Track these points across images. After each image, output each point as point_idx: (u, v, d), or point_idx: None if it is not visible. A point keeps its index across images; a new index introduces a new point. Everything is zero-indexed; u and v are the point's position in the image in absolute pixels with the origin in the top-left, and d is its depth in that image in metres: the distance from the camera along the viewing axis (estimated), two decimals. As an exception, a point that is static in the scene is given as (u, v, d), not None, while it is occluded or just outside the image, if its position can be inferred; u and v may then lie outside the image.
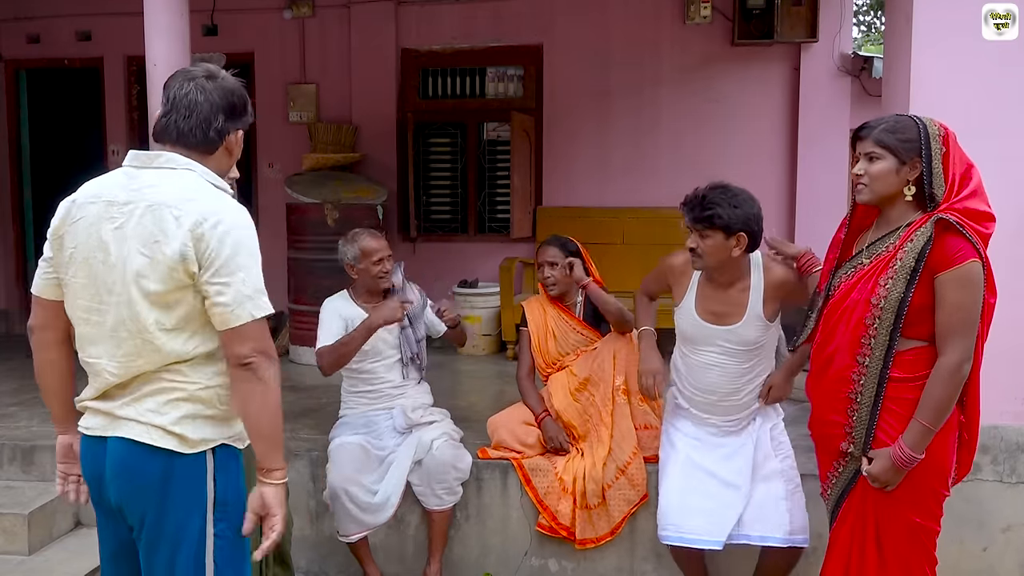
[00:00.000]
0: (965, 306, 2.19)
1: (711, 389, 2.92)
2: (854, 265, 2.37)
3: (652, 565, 3.33)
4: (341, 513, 3.20)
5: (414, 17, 6.57)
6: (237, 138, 1.96)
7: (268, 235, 6.41)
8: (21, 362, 5.74)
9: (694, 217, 2.69)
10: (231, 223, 1.80)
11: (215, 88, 1.90)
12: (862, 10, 15.26)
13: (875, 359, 2.26)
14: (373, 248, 3.38)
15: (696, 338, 2.91)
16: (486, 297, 5.92)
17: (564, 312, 3.54)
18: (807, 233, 6.13)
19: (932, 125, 2.27)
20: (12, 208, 6.97)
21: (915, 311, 2.22)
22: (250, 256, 1.82)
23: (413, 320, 3.49)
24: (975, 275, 2.19)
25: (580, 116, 6.47)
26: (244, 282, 1.79)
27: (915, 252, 2.20)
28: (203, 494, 1.86)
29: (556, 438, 3.39)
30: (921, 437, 2.20)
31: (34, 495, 3.50)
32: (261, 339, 1.81)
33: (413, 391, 3.50)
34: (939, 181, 2.23)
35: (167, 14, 3.54)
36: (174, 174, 1.85)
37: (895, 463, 2.23)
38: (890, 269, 2.24)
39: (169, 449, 1.82)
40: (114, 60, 6.74)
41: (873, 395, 2.28)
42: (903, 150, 2.26)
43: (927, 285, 2.21)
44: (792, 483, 2.91)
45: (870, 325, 2.27)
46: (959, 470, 2.38)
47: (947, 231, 2.19)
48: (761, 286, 2.80)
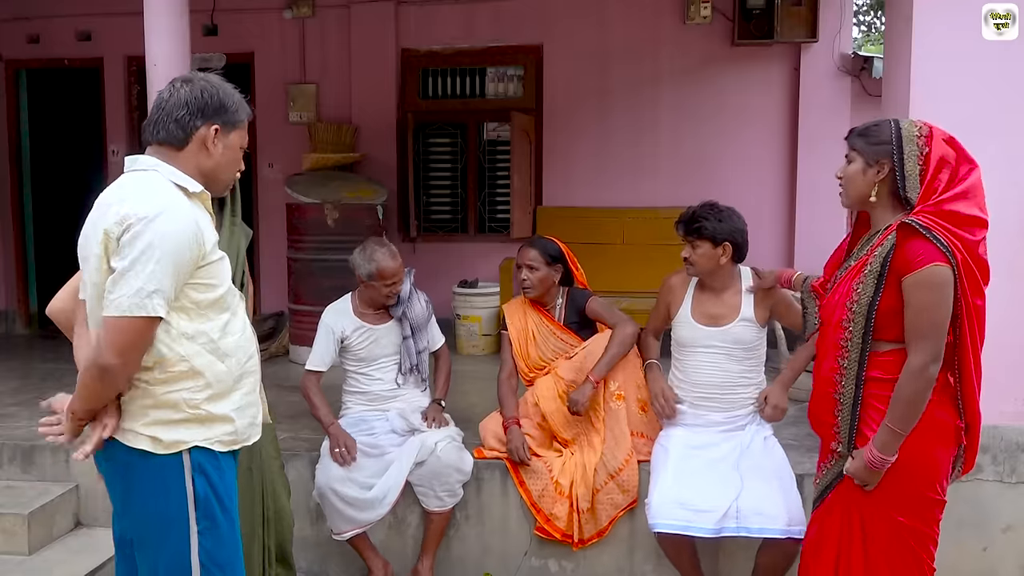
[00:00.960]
0: (928, 309, 2.19)
1: (708, 383, 3.09)
2: (846, 267, 2.41)
3: (652, 565, 3.33)
4: (330, 511, 3.21)
5: (414, 17, 6.57)
6: (209, 133, 1.94)
7: (268, 235, 6.55)
8: (21, 362, 5.75)
9: (686, 230, 3.08)
10: (148, 223, 1.77)
11: (188, 87, 1.93)
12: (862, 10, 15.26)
13: (852, 361, 2.30)
14: (390, 272, 3.30)
15: (692, 341, 3.11)
16: (486, 297, 5.92)
17: (545, 317, 3.51)
18: (807, 232, 6.15)
19: (912, 126, 2.27)
20: (12, 208, 6.96)
21: (885, 314, 2.25)
22: (151, 259, 1.77)
23: (416, 331, 3.47)
24: (938, 279, 2.18)
25: (580, 116, 6.47)
26: (134, 279, 1.76)
27: (882, 256, 2.23)
28: (182, 495, 1.89)
29: (517, 450, 3.30)
30: (890, 439, 2.22)
31: (34, 495, 3.50)
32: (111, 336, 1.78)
33: (411, 394, 3.50)
34: (913, 183, 2.23)
35: (167, 14, 3.54)
36: (139, 175, 1.90)
37: (867, 464, 2.26)
38: (861, 273, 2.28)
39: (142, 450, 1.87)
40: (114, 60, 6.74)
41: (852, 396, 2.31)
42: (870, 152, 2.29)
43: (895, 288, 2.23)
44: (788, 479, 2.98)
45: (846, 328, 2.31)
46: (964, 467, 2.38)
47: (911, 235, 2.19)
48: (752, 293, 3.09)
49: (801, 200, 6.23)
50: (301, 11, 6.53)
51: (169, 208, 1.82)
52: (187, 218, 1.84)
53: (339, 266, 3.40)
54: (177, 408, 1.88)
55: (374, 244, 3.37)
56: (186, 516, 1.90)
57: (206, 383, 1.90)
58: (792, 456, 3.13)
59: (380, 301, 3.39)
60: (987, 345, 2.76)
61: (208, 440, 1.92)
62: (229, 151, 1.99)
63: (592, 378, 3.27)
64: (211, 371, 1.91)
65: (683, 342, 3.16)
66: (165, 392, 1.87)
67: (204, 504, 1.91)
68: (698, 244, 3.04)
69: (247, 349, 2.03)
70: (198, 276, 1.88)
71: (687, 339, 3.13)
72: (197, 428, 1.90)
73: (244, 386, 2.00)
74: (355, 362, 3.45)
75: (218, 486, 1.94)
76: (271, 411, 2.55)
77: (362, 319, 3.42)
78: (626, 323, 3.35)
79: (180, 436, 1.88)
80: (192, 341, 1.88)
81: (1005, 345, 3.17)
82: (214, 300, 1.93)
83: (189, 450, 1.89)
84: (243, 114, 2.00)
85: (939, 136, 2.25)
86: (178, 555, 1.90)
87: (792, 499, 2.90)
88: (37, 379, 5.05)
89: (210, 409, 1.91)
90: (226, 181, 2.05)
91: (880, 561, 2.32)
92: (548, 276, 3.45)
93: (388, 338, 3.43)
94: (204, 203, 1.98)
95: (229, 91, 1.98)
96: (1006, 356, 3.18)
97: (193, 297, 1.88)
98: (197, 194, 1.94)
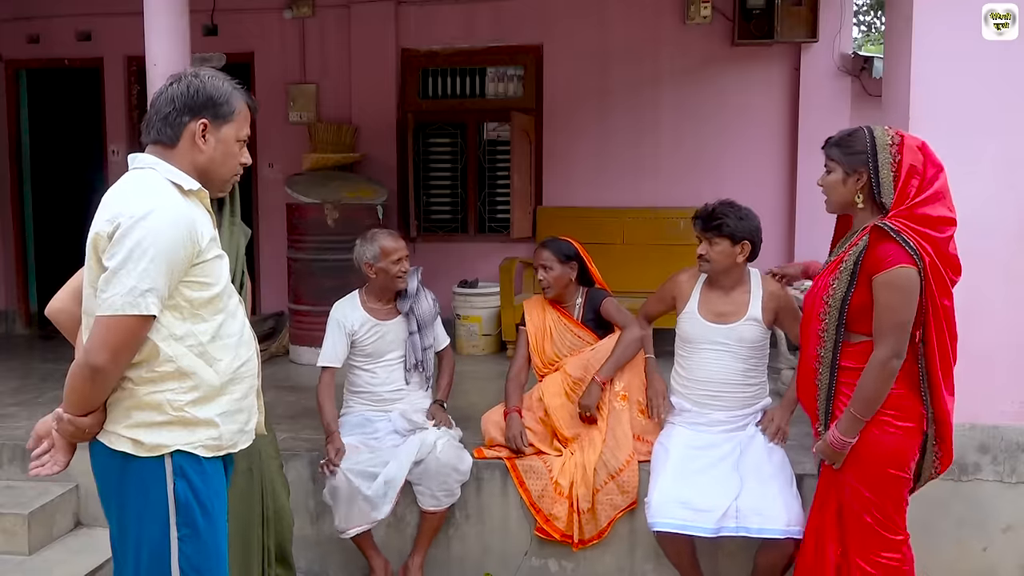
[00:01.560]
0: (892, 307, 2.37)
1: (711, 379, 3.10)
2: (826, 262, 2.62)
3: (652, 565, 3.33)
4: (342, 506, 3.20)
5: (414, 17, 6.56)
6: (197, 128, 1.91)
7: (268, 235, 6.55)
8: (21, 362, 5.74)
9: (704, 226, 3.04)
10: (138, 221, 1.76)
11: (176, 85, 1.93)
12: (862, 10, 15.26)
13: (827, 350, 2.52)
14: (392, 248, 3.38)
15: (698, 337, 3.11)
16: (486, 297, 5.92)
17: (563, 315, 3.54)
18: (807, 232, 6.14)
19: (884, 135, 2.44)
20: (12, 208, 6.96)
21: (857, 309, 2.45)
22: (144, 257, 1.75)
23: (422, 327, 3.48)
24: (904, 279, 2.35)
25: (580, 116, 6.47)
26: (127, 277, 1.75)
27: (855, 256, 2.42)
28: (163, 499, 1.87)
29: (515, 438, 3.36)
30: (850, 423, 2.45)
31: (34, 495, 3.50)
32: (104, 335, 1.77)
33: (414, 395, 3.50)
34: (887, 189, 2.40)
35: (167, 14, 3.54)
36: (136, 173, 1.89)
37: (830, 444, 2.50)
38: (837, 270, 2.48)
39: (124, 452, 1.86)
40: (114, 60, 6.73)
41: (828, 382, 2.54)
42: (848, 162, 2.47)
43: (865, 286, 2.42)
44: (788, 479, 2.98)
45: (823, 320, 2.52)
46: (941, 462, 2.58)
47: (883, 237, 2.37)
48: (760, 293, 3.10)
49: (801, 200, 6.22)
50: (301, 11, 6.53)
51: (161, 206, 1.80)
52: (180, 215, 1.83)
53: (339, 266, 3.38)
54: (160, 410, 1.85)
55: (372, 231, 3.48)
56: (166, 521, 1.87)
57: (192, 385, 1.87)
58: (792, 456, 3.12)
59: (392, 284, 3.41)
60: (986, 347, 2.76)
61: (191, 444, 1.88)
62: (222, 145, 1.95)
63: (598, 379, 3.31)
64: (197, 374, 1.88)
65: (688, 338, 3.15)
66: (149, 392, 1.84)
67: (185, 510, 1.88)
68: (716, 241, 3.01)
69: (241, 354, 1.98)
70: (192, 274, 1.85)
71: (693, 335, 3.12)
72: (180, 431, 1.87)
73: (234, 391, 1.95)
74: (362, 358, 3.45)
75: (200, 492, 1.90)
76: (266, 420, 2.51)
77: (370, 314, 3.44)
78: (633, 325, 3.40)
79: (162, 439, 1.85)
80: (180, 342, 1.85)
81: (1005, 345, 3.17)
82: (209, 299, 1.89)
83: (171, 454, 1.86)
84: (235, 105, 1.95)
85: (909, 143, 2.41)
86: (158, 560, 1.87)
87: (792, 499, 2.90)
88: (37, 379, 5.05)
89: (194, 413, 1.88)
90: (225, 176, 2.00)
91: (851, 527, 2.54)
92: (564, 274, 3.49)
93: (395, 333, 3.44)
94: (202, 201, 1.95)
95: (218, 84, 1.94)
96: (1006, 356, 3.18)
97: (187, 295, 1.85)
98: (194, 192, 1.92)
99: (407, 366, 3.46)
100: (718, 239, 3.01)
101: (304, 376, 5.06)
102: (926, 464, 2.57)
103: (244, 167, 2.05)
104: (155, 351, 1.83)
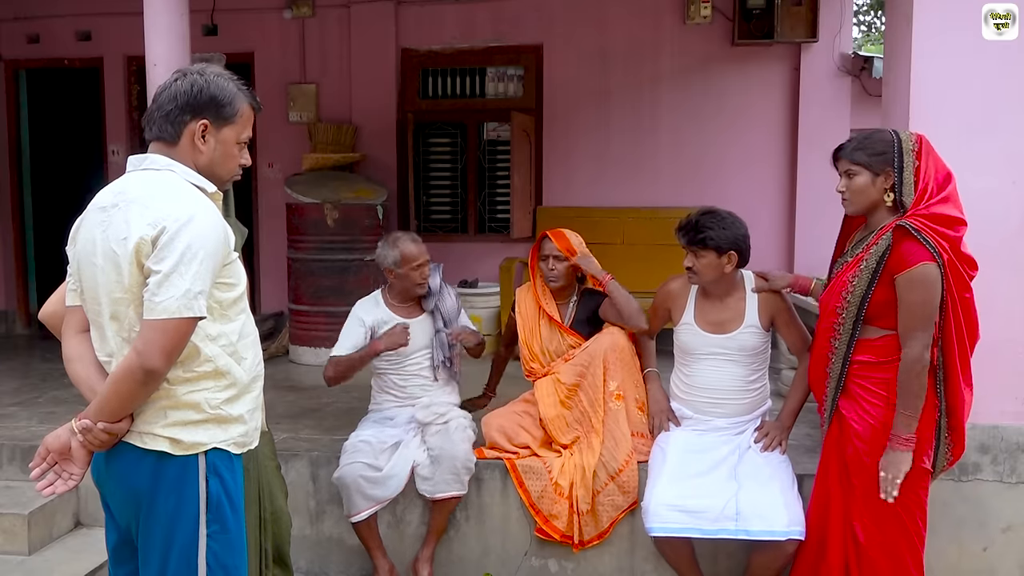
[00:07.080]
0: (917, 304, 2.48)
1: (713, 387, 3.08)
2: (843, 261, 2.71)
3: (652, 565, 3.33)
4: (352, 489, 3.19)
5: (414, 17, 6.56)
6: (197, 128, 1.90)
7: (268, 235, 6.55)
8: (21, 362, 5.75)
9: (689, 240, 3.02)
10: (185, 225, 1.76)
11: (180, 82, 1.91)
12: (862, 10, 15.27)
13: (842, 343, 2.64)
14: (414, 254, 3.35)
15: (698, 348, 3.10)
16: (486, 297, 5.92)
17: (554, 322, 3.50)
18: (807, 232, 6.14)
19: (909, 139, 2.55)
20: (12, 208, 6.96)
21: (879, 305, 2.55)
22: (195, 260, 1.76)
23: (448, 323, 3.48)
24: (927, 276, 2.45)
25: (580, 116, 6.47)
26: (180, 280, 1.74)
27: (877, 254, 2.52)
28: (195, 496, 1.87)
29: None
30: (905, 421, 2.52)
31: (34, 495, 3.48)
32: (159, 339, 1.74)
33: (439, 392, 3.49)
34: (909, 190, 2.52)
35: (167, 14, 3.54)
36: (156, 175, 1.88)
37: (896, 449, 2.52)
38: (858, 268, 2.57)
39: (159, 451, 1.84)
40: (114, 60, 6.73)
41: (838, 373, 2.66)
42: (875, 163, 2.56)
43: (888, 284, 2.52)
44: (788, 480, 2.97)
45: (840, 314, 2.62)
46: (953, 452, 2.66)
47: (905, 236, 2.47)
48: (755, 297, 3.10)
49: (801, 200, 6.23)
50: (301, 11, 6.52)
51: (201, 209, 1.82)
52: (216, 218, 1.85)
53: (339, 266, 3.38)
54: (198, 408, 1.86)
55: (395, 233, 3.46)
56: (196, 519, 1.87)
57: (227, 383, 1.89)
58: (792, 456, 3.12)
59: (412, 290, 3.41)
60: (987, 345, 2.77)
61: (224, 442, 1.90)
62: (222, 146, 1.95)
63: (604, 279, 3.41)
64: (231, 372, 1.90)
65: (687, 348, 3.13)
66: (187, 392, 1.85)
67: (216, 507, 1.89)
68: (702, 254, 2.99)
69: (257, 352, 2.02)
70: (222, 275, 1.87)
71: (692, 346, 3.11)
72: (215, 429, 1.89)
73: (255, 388, 2.00)
74: (387, 360, 3.43)
75: (231, 488, 1.92)
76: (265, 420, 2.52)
77: (394, 312, 3.43)
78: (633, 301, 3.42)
79: (200, 438, 1.87)
80: (215, 342, 1.87)
81: (1005, 345, 3.17)
82: (234, 299, 1.92)
83: (205, 452, 1.88)
84: (238, 107, 1.95)
85: (927, 147, 2.54)
86: (185, 558, 1.87)
87: (793, 500, 2.89)
88: (37, 379, 5.06)
89: (228, 410, 1.90)
90: (223, 177, 2.00)
91: (875, 529, 2.61)
92: (573, 268, 3.48)
93: (420, 331, 3.43)
94: (217, 202, 1.96)
95: (223, 85, 1.93)
96: (1006, 356, 3.18)
97: (217, 296, 1.87)
98: (212, 194, 1.93)
99: (434, 363, 3.45)
100: (704, 252, 2.98)
101: (304, 376, 5.05)
102: (940, 454, 2.63)
103: (243, 168, 2.05)
104: (195, 351, 1.84)
